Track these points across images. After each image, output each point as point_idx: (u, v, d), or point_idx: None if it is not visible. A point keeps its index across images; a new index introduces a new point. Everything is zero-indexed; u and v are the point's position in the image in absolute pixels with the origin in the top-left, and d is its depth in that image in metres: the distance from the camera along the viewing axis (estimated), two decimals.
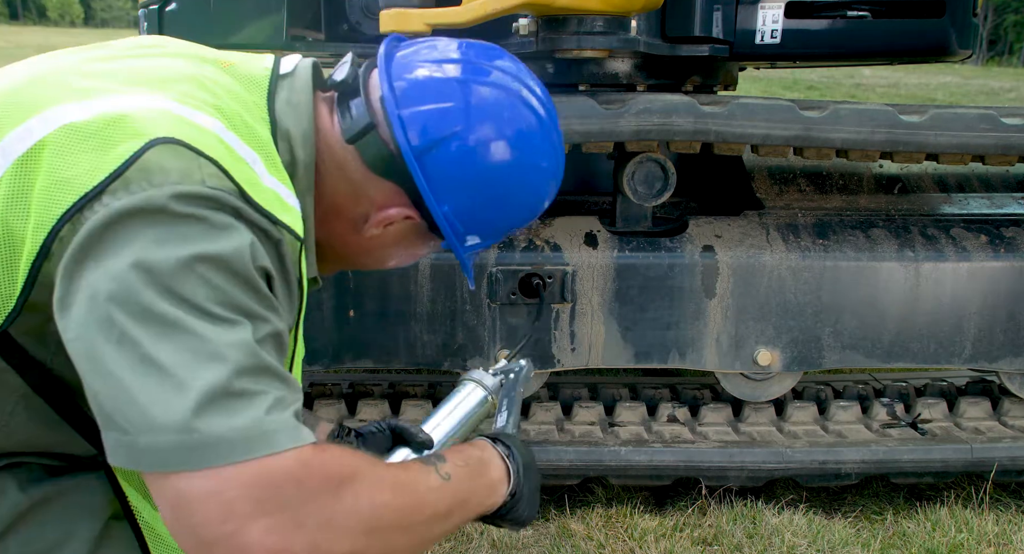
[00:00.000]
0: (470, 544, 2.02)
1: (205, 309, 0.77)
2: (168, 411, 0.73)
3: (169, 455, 0.73)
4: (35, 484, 0.93)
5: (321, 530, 0.76)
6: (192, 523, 0.73)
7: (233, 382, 0.75)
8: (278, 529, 0.74)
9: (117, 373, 0.74)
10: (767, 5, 2.20)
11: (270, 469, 0.75)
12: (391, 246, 1.09)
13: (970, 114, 2.01)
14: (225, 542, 0.72)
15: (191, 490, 0.73)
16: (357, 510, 0.80)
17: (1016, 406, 2.33)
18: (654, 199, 2.12)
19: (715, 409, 2.33)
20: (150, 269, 0.76)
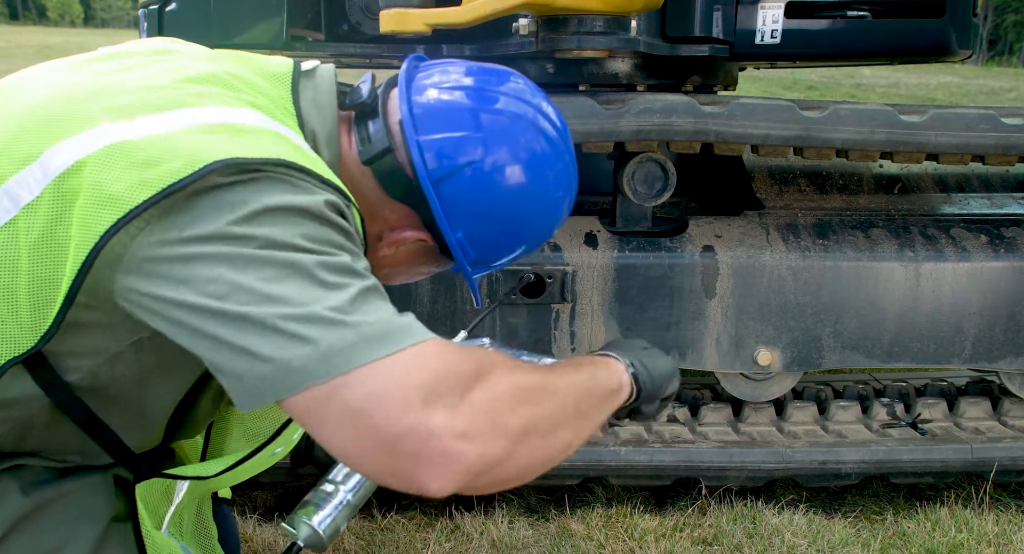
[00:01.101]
0: (470, 544, 2.02)
1: (303, 247, 0.77)
2: (310, 322, 0.73)
3: (322, 363, 0.72)
4: (37, 487, 0.93)
5: (493, 404, 0.76)
6: (369, 428, 0.71)
7: (357, 297, 0.76)
8: (456, 412, 0.73)
9: (248, 315, 0.73)
10: (767, 5, 2.20)
11: (420, 357, 0.75)
12: (401, 265, 1.10)
13: (970, 114, 2.01)
14: (411, 434, 0.71)
15: (355, 395, 0.72)
16: (512, 385, 0.80)
17: (1016, 406, 2.33)
18: (654, 199, 2.12)
19: (715, 409, 2.33)
20: (237, 228, 0.76)
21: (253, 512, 2.19)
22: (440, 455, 0.71)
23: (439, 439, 0.71)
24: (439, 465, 0.71)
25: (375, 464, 0.73)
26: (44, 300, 0.80)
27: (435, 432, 0.71)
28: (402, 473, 0.72)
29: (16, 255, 0.80)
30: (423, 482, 0.72)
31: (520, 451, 0.78)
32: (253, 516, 2.15)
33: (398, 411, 0.71)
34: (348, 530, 2.06)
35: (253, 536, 2.03)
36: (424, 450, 0.71)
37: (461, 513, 2.14)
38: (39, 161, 0.81)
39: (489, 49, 2.27)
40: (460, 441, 0.72)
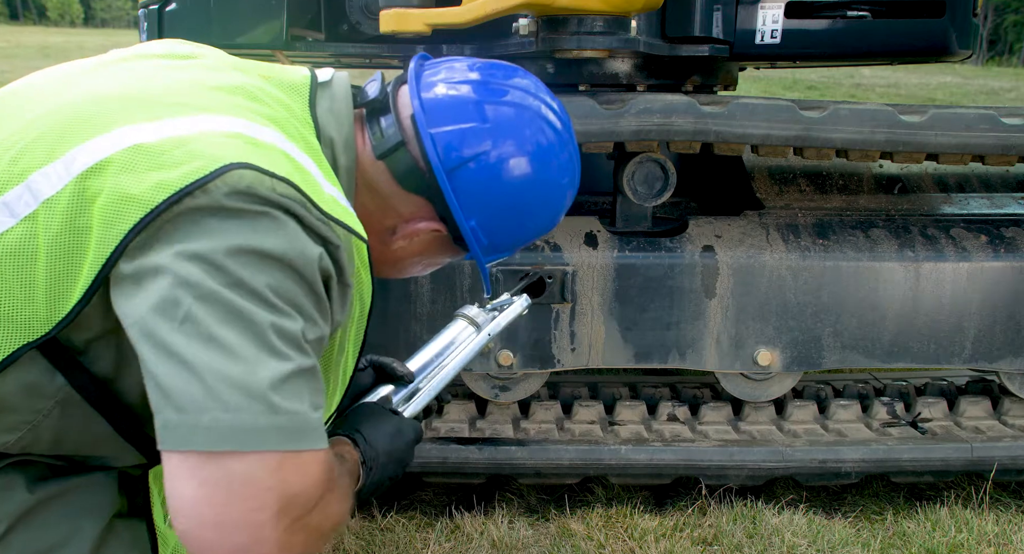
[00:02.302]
0: (470, 544, 2.02)
1: (267, 300, 0.79)
2: (237, 387, 0.74)
3: (229, 433, 0.74)
4: (42, 482, 0.94)
5: (317, 533, 0.81)
6: (224, 503, 0.74)
7: (291, 376, 0.78)
8: (293, 530, 0.77)
9: (181, 352, 0.75)
10: (767, 5, 2.20)
11: (309, 465, 0.78)
12: (415, 256, 1.14)
13: (970, 114, 2.01)
14: (247, 531, 0.74)
15: (238, 471, 0.74)
16: (336, 513, 0.86)
17: (1016, 405, 2.33)
18: (654, 199, 2.12)
19: (715, 408, 2.33)
20: (216, 258, 0.78)
21: None
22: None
23: (266, 549, 0.75)
24: None
25: (198, 533, 0.75)
26: (61, 293, 0.83)
27: (268, 543, 0.75)
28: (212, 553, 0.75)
29: (35, 247, 0.82)
30: None
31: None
32: None
33: (256, 507, 0.74)
34: (348, 530, 2.06)
35: None
36: (248, 551, 0.75)
37: (461, 513, 2.14)
38: (62, 159, 0.83)
39: (489, 49, 2.27)
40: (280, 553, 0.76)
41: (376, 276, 1.14)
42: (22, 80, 1.00)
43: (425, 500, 2.29)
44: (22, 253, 0.82)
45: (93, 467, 0.98)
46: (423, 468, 2.15)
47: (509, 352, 2.12)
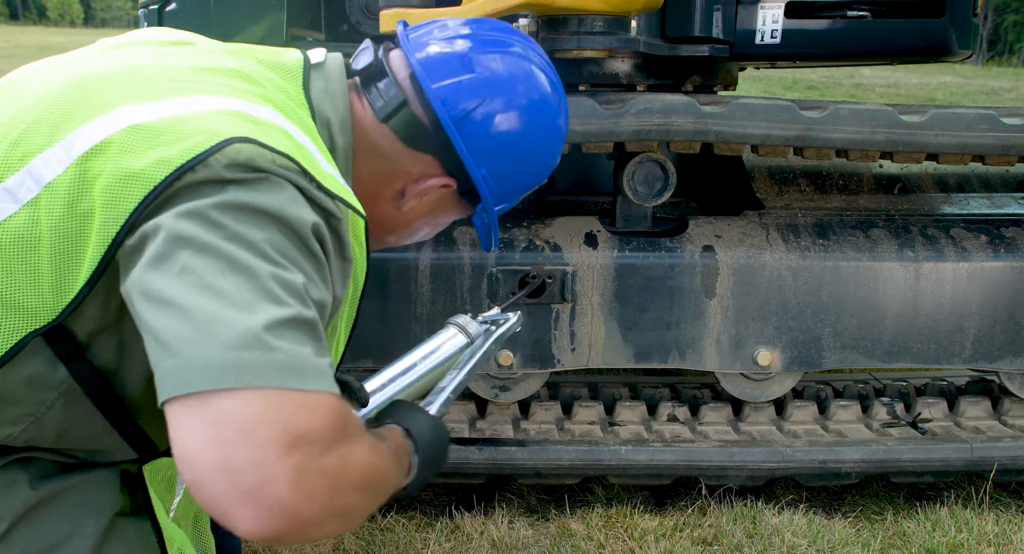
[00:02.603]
0: (470, 544, 2.02)
1: (265, 253, 0.78)
2: (233, 326, 0.72)
3: (226, 370, 0.71)
4: (45, 480, 0.94)
5: (337, 479, 0.76)
6: (227, 443, 0.70)
7: (291, 321, 0.76)
8: (305, 469, 0.72)
9: (176, 300, 0.74)
10: (767, 5, 2.20)
11: (316, 405, 0.74)
12: (424, 217, 1.15)
13: (970, 114, 2.01)
14: (254, 469, 0.70)
15: (238, 409, 0.71)
16: (361, 465, 0.80)
17: (1016, 405, 2.33)
18: (654, 199, 2.12)
19: (715, 408, 2.33)
20: (212, 214, 0.78)
21: None
22: (269, 503, 0.70)
23: (278, 487, 0.70)
24: (263, 511, 0.70)
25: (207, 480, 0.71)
26: (66, 277, 0.82)
27: (278, 479, 0.70)
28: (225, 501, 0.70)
29: (38, 233, 0.82)
30: (237, 518, 0.70)
31: (330, 525, 0.77)
32: None
33: (260, 443, 0.70)
34: None
35: None
36: (258, 491, 0.70)
37: (461, 513, 2.14)
38: (62, 143, 0.84)
39: None
40: (296, 498, 0.71)
41: (381, 247, 1.15)
42: (15, 71, 1.01)
43: (425, 500, 2.29)
44: (26, 239, 0.82)
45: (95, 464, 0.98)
46: None
47: (509, 352, 2.12)
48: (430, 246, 2.08)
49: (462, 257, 2.07)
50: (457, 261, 2.06)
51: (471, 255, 2.07)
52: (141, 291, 0.76)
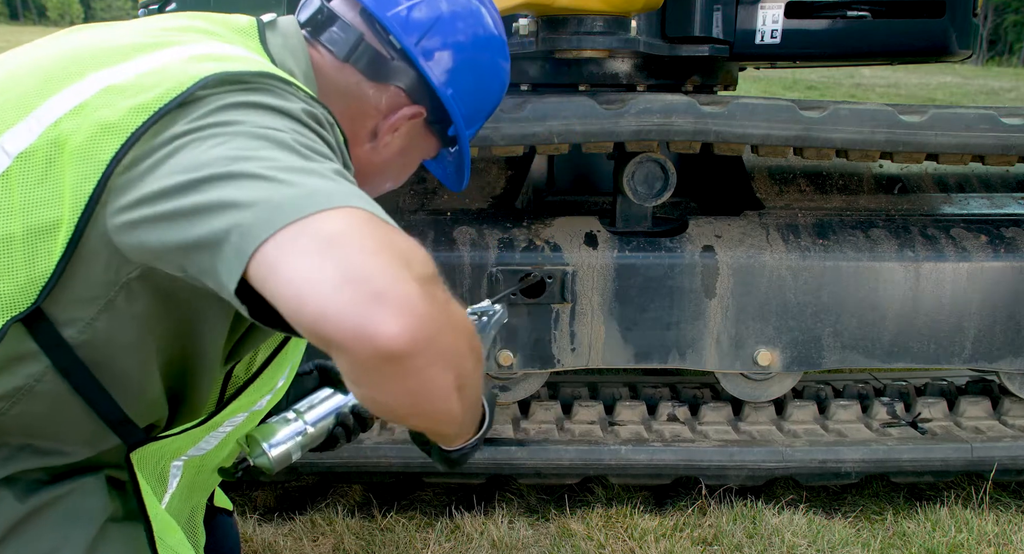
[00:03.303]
0: (470, 544, 2.02)
1: (283, 130, 0.79)
2: (298, 168, 0.72)
3: (313, 196, 0.68)
4: (33, 492, 0.93)
5: (447, 308, 0.71)
6: (345, 254, 0.65)
7: (338, 173, 0.76)
8: (422, 278, 0.67)
9: (223, 171, 0.71)
10: (767, 5, 2.20)
11: (394, 230, 0.71)
12: (397, 154, 1.16)
13: (970, 114, 2.01)
14: (386, 273, 0.65)
15: (341, 224, 0.67)
16: (464, 318, 0.77)
17: (1016, 405, 2.33)
18: (654, 199, 2.12)
19: (715, 408, 2.33)
20: (218, 117, 0.78)
21: (253, 512, 2.19)
22: (405, 303, 0.64)
23: (409, 287, 0.65)
24: (400, 312, 0.64)
25: (332, 300, 0.64)
26: (43, 249, 0.81)
27: (408, 281, 0.65)
28: (358, 312, 0.64)
29: (10, 206, 0.81)
30: (376, 324, 0.63)
31: (438, 369, 0.70)
32: (253, 516, 2.16)
33: (377, 247, 0.66)
34: (348, 529, 2.06)
35: (253, 536, 2.03)
36: (391, 292, 0.64)
37: (461, 513, 2.14)
38: (34, 113, 0.84)
39: None
40: (426, 300, 0.66)
41: None
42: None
43: (425, 500, 2.29)
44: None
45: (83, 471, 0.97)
46: (423, 468, 2.15)
47: (509, 352, 2.12)
48: (430, 246, 2.08)
49: (462, 257, 2.07)
50: (457, 261, 2.06)
51: (471, 255, 2.07)
52: (177, 186, 0.72)
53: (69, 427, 0.94)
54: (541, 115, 1.91)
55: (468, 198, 2.27)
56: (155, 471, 1.03)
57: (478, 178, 2.28)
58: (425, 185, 2.26)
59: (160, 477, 1.05)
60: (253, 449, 1.11)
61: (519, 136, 1.92)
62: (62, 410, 0.91)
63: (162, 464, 1.04)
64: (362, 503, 2.25)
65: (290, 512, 2.18)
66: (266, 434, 1.12)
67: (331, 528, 2.08)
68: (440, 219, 2.18)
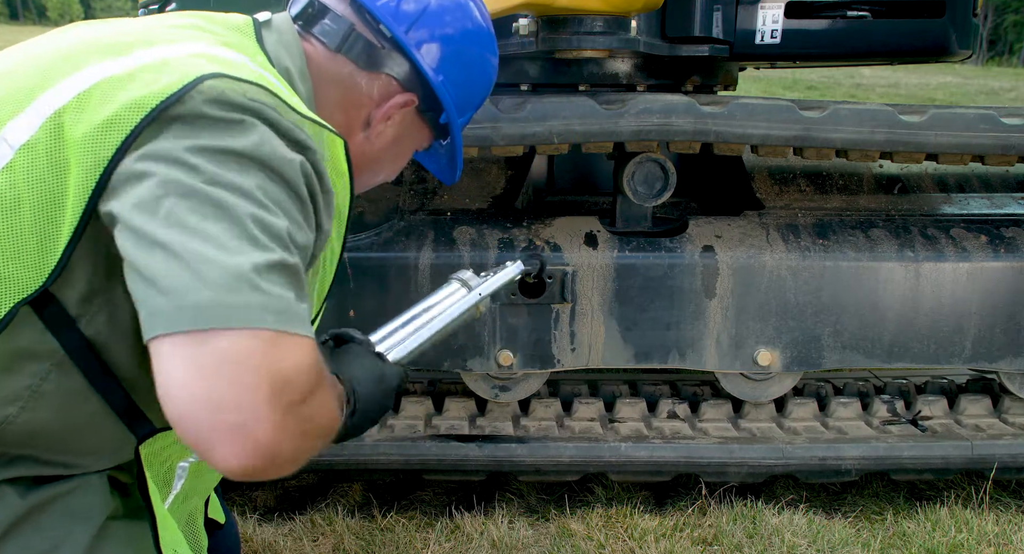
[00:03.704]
0: (470, 544, 2.02)
1: (250, 195, 0.80)
2: (222, 267, 0.74)
3: (217, 310, 0.72)
4: (34, 490, 0.93)
5: (310, 424, 0.78)
6: (216, 380, 0.72)
7: (275, 266, 0.78)
8: (289, 413, 0.74)
9: (165, 241, 0.75)
10: (767, 5, 2.20)
11: (300, 349, 0.76)
12: (391, 144, 1.18)
13: (970, 114, 2.01)
14: (242, 409, 0.72)
15: (228, 347, 0.72)
16: (328, 412, 0.83)
17: (1016, 404, 2.33)
18: (654, 199, 2.12)
19: (715, 405, 2.33)
20: (194, 159, 0.79)
21: (253, 512, 2.20)
22: (252, 442, 0.72)
23: (261, 429, 0.72)
24: (246, 449, 0.72)
25: (192, 414, 0.72)
26: (50, 237, 0.83)
27: (263, 422, 0.72)
28: (209, 436, 0.72)
29: (16, 196, 0.82)
30: (220, 453, 0.73)
31: (287, 468, 0.79)
32: (253, 516, 2.16)
33: (250, 384, 0.72)
34: (348, 529, 2.07)
35: (253, 536, 2.03)
36: (243, 430, 0.72)
37: (461, 513, 2.14)
38: (34, 105, 0.85)
39: None
40: (275, 440, 0.74)
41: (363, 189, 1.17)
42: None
43: (425, 500, 2.29)
44: (4, 204, 0.82)
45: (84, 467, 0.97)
46: (423, 466, 2.15)
47: (509, 352, 2.12)
48: (430, 246, 2.08)
49: (462, 257, 2.07)
50: (457, 261, 2.06)
51: (471, 255, 2.07)
52: (128, 230, 0.77)
53: (76, 435, 0.94)
54: (541, 115, 1.91)
55: (468, 198, 2.27)
56: (161, 470, 1.03)
57: (478, 178, 2.29)
58: (425, 185, 2.26)
59: (165, 479, 1.05)
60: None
61: (519, 136, 1.92)
62: (69, 413, 0.91)
63: (168, 463, 1.04)
64: (362, 503, 2.25)
65: (290, 512, 2.18)
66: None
67: (331, 528, 2.08)
68: (440, 219, 2.18)
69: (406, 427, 2.23)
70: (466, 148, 1.97)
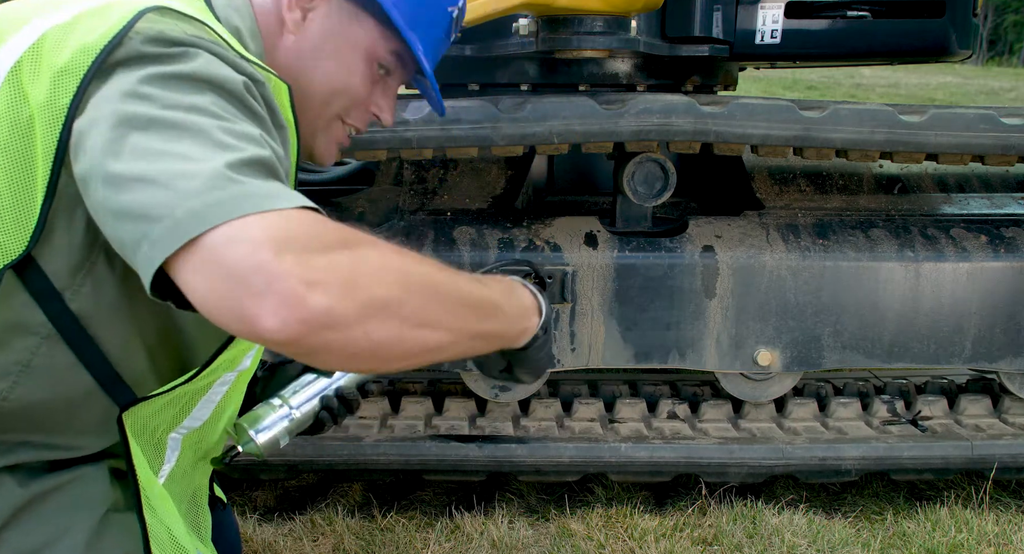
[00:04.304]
0: (470, 544, 2.02)
1: (209, 111, 0.80)
2: (197, 175, 0.73)
3: (204, 213, 0.71)
4: (35, 479, 0.93)
5: (354, 268, 0.74)
6: (225, 264, 0.71)
7: (249, 161, 0.77)
8: (309, 263, 0.71)
9: (137, 173, 0.74)
10: (767, 5, 2.20)
11: (297, 215, 0.74)
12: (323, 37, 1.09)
13: (970, 114, 2.01)
14: (259, 272, 0.70)
15: (225, 237, 0.71)
16: (385, 263, 0.78)
17: (1016, 404, 2.33)
18: (654, 199, 2.12)
19: (715, 405, 2.33)
20: (145, 89, 0.79)
21: (253, 512, 2.20)
22: (284, 295, 0.70)
23: (285, 281, 0.70)
24: (280, 304, 0.70)
25: (223, 302, 0.71)
26: (26, 197, 0.84)
27: (282, 274, 0.70)
28: (243, 310, 0.70)
29: None
30: (259, 318, 0.70)
31: (372, 325, 0.75)
32: (253, 516, 2.16)
33: (249, 251, 0.71)
34: (348, 529, 2.06)
35: (253, 536, 2.03)
36: (270, 289, 0.70)
37: (461, 513, 2.14)
38: None
39: (489, 49, 2.27)
40: (308, 288, 0.70)
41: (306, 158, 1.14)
42: None
43: (425, 500, 2.29)
44: None
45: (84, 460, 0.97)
46: (423, 466, 2.15)
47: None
48: (430, 246, 2.08)
49: (462, 257, 2.07)
50: (457, 261, 2.06)
51: (471, 255, 2.07)
52: (102, 179, 0.76)
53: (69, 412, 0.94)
54: (541, 115, 1.91)
55: (468, 198, 2.27)
56: (151, 441, 1.02)
57: (478, 178, 2.29)
58: (425, 185, 2.26)
59: (156, 447, 1.03)
60: (241, 436, 1.14)
61: (519, 136, 1.92)
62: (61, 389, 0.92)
63: (158, 434, 1.02)
64: (362, 503, 2.25)
65: (290, 512, 2.18)
66: (252, 421, 1.15)
67: (331, 528, 2.08)
68: (440, 219, 2.18)
69: (406, 427, 2.23)
70: (466, 148, 1.97)
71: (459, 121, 1.90)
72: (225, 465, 1.19)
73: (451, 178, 2.28)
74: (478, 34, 2.20)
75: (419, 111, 1.90)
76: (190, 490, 1.17)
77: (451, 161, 2.26)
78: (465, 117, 1.90)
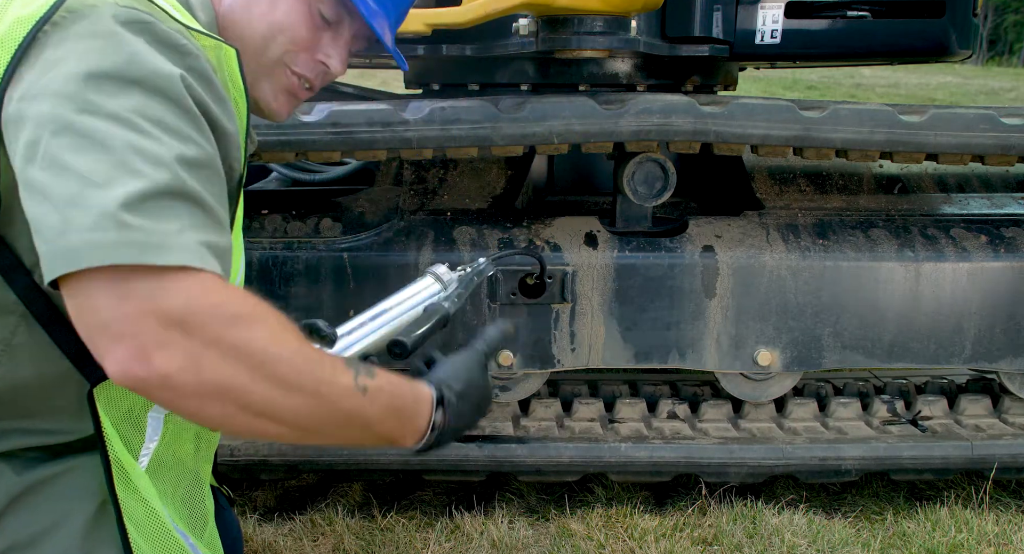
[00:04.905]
0: (470, 544, 2.02)
1: (126, 120, 0.79)
2: (88, 208, 0.75)
3: (82, 253, 0.74)
4: (30, 468, 0.94)
5: (206, 347, 0.77)
6: (103, 317, 0.75)
7: (151, 195, 0.77)
8: (165, 324, 0.75)
9: (41, 186, 0.77)
10: (767, 5, 2.20)
11: (184, 281, 0.76)
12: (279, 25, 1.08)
13: (970, 114, 2.01)
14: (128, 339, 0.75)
15: (97, 288, 0.75)
16: (247, 344, 0.79)
17: (1016, 404, 2.33)
18: (654, 199, 2.12)
19: (715, 406, 2.33)
20: (68, 88, 0.79)
21: (253, 512, 2.20)
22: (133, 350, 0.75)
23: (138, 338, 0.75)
24: (127, 356, 0.75)
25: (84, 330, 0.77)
26: None
27: (137, 332, 0.75)
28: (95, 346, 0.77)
29: None
30: (106, 358, 0.76)
31: (207, 402, 0.78)
32: (253, 516, 2.16)
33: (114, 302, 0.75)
34: (348, 529, 2.06)
35: (253, 536, 2.03)
36: (123, 339, 0.75)
37: (461, 513, 2.14)
38: None
39: (489, 49, 2.27)
40: (156, 348, 0.75)
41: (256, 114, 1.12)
42: None
43: (425, 500, 2.29)
44: None
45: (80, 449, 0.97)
46: (423, 466, 2.15)
47: (509, 352, 2.12)
48: (430, 246, 2.08)
49: (462, 257, 2.07)
50: (457, 261, 2.06)
51: (471, 255, 2.07)
52: (22, 182, 0.79)
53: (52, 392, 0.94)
54: (541, 115, 1.91)
55: (468, 198, 2.27)
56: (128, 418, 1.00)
57: (478, 178, 2.29)
58: (425, 185, 2.26)
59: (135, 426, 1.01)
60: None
61: (519, 136, 1.92)
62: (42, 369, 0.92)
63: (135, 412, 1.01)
64: (362, 503, 2.25)
65: (290, 512, 2.18)
66: None
67: (331, 528, 2.08)
68: (440, 219, 2.18)
69: None
70: (466, 148, 1.97)
71: (459, 121, 1.90)
72: None
73: (451, 178, 2.28)
74: (478, 34, 2.20)
75: (419, 111, 1.90)
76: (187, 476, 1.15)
77: (451, 161, 2.26)
78: (465, 117, 1.90)
